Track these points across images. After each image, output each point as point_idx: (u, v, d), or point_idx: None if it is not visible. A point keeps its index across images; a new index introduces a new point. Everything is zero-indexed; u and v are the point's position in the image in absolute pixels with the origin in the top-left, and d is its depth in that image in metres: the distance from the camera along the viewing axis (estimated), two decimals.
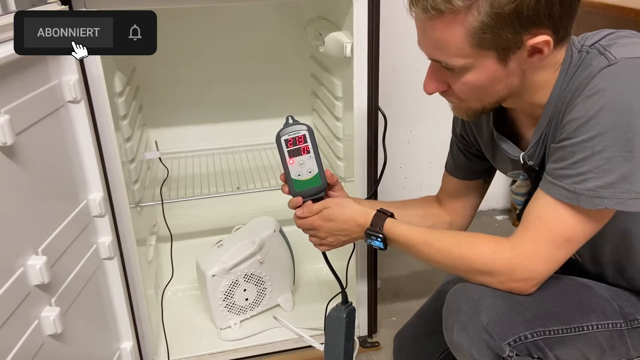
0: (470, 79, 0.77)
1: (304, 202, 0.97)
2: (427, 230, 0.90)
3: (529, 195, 0.94)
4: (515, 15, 0.70)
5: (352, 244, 1.18)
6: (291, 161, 0.94)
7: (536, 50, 0.74)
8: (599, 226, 0.77)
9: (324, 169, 0.96)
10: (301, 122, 0.94)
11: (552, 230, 0.77)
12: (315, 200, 0.97)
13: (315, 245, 1.01)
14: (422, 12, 0.73)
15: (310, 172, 0.94)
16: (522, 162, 0.87)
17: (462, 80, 0.78)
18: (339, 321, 1.06)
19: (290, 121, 0.95)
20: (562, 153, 0.75)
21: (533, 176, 0.89)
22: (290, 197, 0.97)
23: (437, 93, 0.85)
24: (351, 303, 1.08)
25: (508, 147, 0.90)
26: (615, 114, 0.70)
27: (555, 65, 0.79)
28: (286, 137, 0.93)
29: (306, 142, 0.93)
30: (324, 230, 0.96)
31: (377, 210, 0.94)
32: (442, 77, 0.81)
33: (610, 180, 0.71)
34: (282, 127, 0.95)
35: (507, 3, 0.69)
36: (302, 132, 0.93)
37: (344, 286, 1.07)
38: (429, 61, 0.82)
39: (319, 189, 0.96)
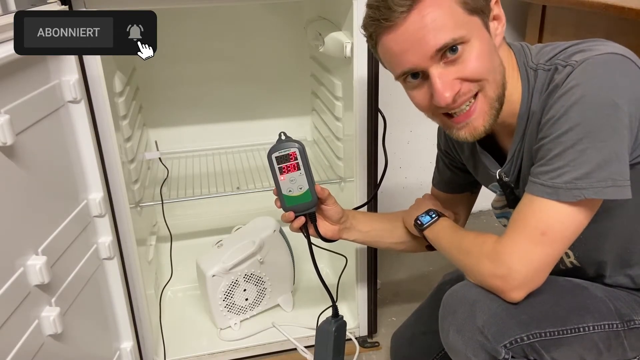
0: (476, 47, 0.76)
1: (296, 217, 0.99)
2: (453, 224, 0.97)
3: (502, 210, 0.97)
4: None
5: (344, 258, 1.19)
6: (282, 177, 0.96)
7: (495, 17, 0.80)
8: (581, 220, 0.76)
9: (315, 184, 0.97)
10: (294, 139, 0.96)
11: (527, 225, 0.77)
12: (306, 216, 1.00)
13: None
14: (411, 5, 0.73)
15: (300, 189, 0.96)
16: (497, 177, 0.90)
17: (471, 55, 0.76)
18: (328, 335, 1.07)
19: (283, 137, 0.96)
20: (541, 152, 0.77)
21: (507, 192, 0.91)
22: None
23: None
24: (342, 317, 1.08)
25: (489, 162, 0.92)
26: (585, 107, 0.71)
27: (509, 64, 0.82)
28: (277, 154, 0.95)
29: (297, 159, 0.95)
30: None
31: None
32: (451, 75, 0.77)
33: (585, 171, 0.72)
34: (274, 143, 0.96)
35: None
36: (292, 150, 0.95)
37: (335, 300, 1.08)
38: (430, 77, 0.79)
39: (310, 205, 0.98)
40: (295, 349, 1.39)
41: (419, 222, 1.00)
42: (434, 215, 1.00)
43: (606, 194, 0.72)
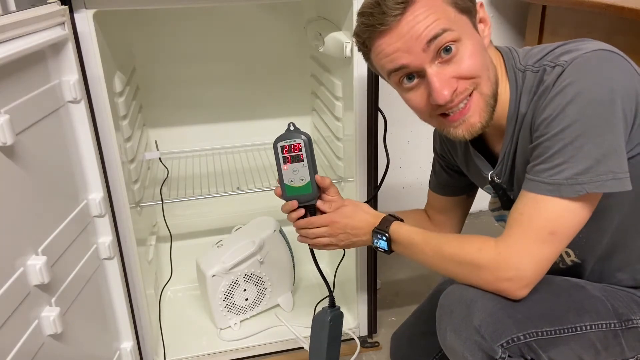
0: (468, 46, 0.78)
1: (297, 207, 0.99)
2: (427, 231, 0.91)
3: (498, 211, 0.97)
4: None
5: (341, 251, 1.20)
6: (285, 167, 0.97)
7: (481, 20, 0.82)
8: (583, 216, 0.77)
9: (316, 174, 0.98)
10: (302, 131, 0.96)
11: (535, 224, 0.77)
12: (305, 208, 1.00)
13: (322, 245, 1.02)
14: (405, 7, 0.76)
15: (302, 180, 0.97)
16: (489, 179, 0.91)
17: (464, 54, 0.78)
18: (323, 324, 1.08)
19: (292, 128, 0.97)
20: (538, 150, 0.77)
21: (501, 193, 0.92)
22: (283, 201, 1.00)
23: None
24: (338, 307, 1.09)
25: (481, 164, 0.93)
26: (581, 104, 0.72)
27: (496, 62, 0.83)
28: (282, 143, 0.96)
29: (301, 151, 0.96)
30: (339, 227, 0.98)
31: (388, 214, 0.97)
32: (448, 74, 0.78)
33: (586, 166, 0.73)
34: (282, 132, 0.97)
35: None
36: (298, 141, 0.96)
37: (332, 290, 1.08)
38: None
39: (310, 197, 0.99)
40: (300, 347, 1.39)
41: (381, 249, 0.96)
42: (384, 236, 0.94)
43: (607, 187, 0.73)
